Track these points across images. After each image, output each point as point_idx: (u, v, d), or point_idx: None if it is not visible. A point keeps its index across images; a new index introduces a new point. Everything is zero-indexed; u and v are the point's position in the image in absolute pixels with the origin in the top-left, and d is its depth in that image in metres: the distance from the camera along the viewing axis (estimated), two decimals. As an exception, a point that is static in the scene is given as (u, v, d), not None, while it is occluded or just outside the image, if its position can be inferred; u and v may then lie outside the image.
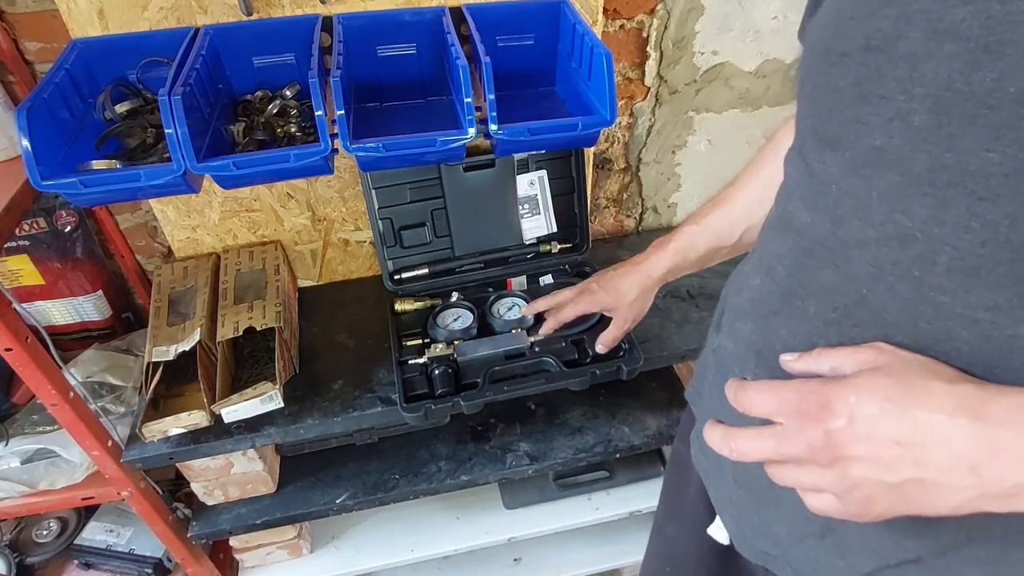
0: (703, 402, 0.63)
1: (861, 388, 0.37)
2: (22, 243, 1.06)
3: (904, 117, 0.36)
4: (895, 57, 0.36)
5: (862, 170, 0.39)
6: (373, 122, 0.93)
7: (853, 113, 0.39)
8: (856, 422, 0.36)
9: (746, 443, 0.42)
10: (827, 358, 0.41)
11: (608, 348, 0.95)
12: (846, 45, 0.39)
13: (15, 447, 0.99)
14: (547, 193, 1.14)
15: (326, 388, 1.01)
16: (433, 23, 0.90)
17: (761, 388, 0.42)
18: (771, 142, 0.68)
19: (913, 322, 0.38)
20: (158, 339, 0.94)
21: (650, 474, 1.33)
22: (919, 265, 0.37)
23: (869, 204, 0.39)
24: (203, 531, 1.08)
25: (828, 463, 0.37)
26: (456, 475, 1.13)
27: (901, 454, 0.35)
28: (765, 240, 0.52)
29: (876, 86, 0.37)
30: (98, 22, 0.85)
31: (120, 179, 0.71)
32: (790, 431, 0.39)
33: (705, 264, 0.78)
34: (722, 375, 0.55)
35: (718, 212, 0.73)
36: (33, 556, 1.21)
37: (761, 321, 0.49)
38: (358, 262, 1.22)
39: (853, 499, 0.38)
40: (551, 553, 1.43)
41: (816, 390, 0.39)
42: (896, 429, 0.35)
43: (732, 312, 0.55)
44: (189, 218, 1.07)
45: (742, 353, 0.52)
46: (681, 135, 1.27)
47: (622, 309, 0.88)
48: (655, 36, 1.12)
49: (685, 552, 0.76)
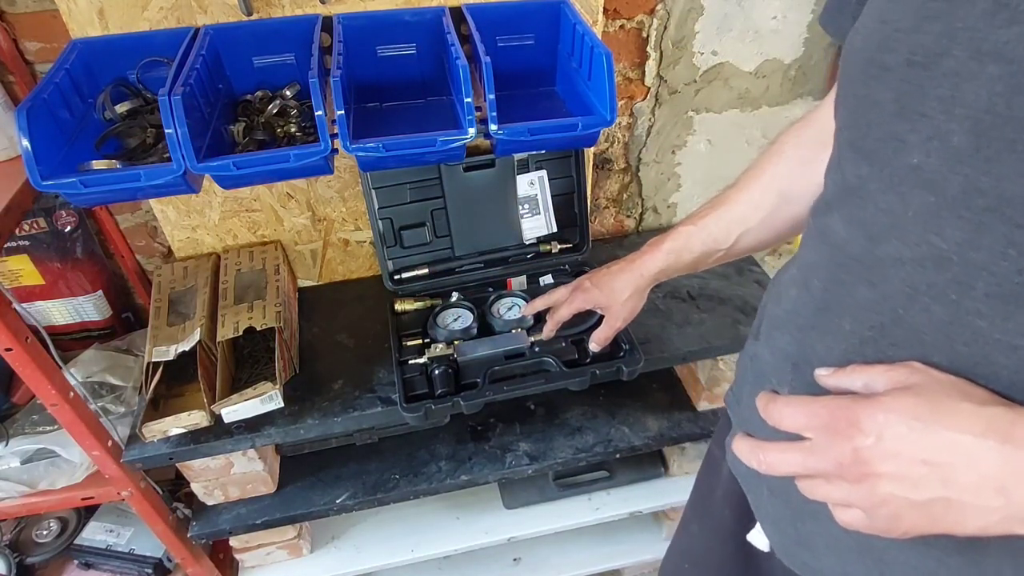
0: (741, 409, 0.63)
1: (889, 406, 0.37)
2: (22, 243, 1.06)
3: (943, 137, 0.36)
4: (937, 75, 0.35)
5: (898, 187, 0.39)
6: (373, 122, 0.93)
7: (891, 129, 0.39)
8: (884, 440, 0.36)
9: (775, 456, 0.42)
10: (860, 375, 0.41)
11: (601, 346, 0.94)
12: (888, 58, 0.38)
13: (15, 447, 0.99)
14: (547, 193, 1.14)
15: (326, 388, 1.01)
16: (433, 23, 0.90)
17: (791, 403, 0.42)
18: (773, 146, 0.67)
19: (950, 344, 0.38)
20: (158, 339, 0.94)
21: (650, 474, 1.33)
22: (955, 288, 0.37)
23: (905, 223, 0.38)
24: (203, 531, 1.08)
25: (856, 479, 0.38)
26: (456, 475, 1.13)
27: (928, 473, 0.35)
28: (803, 251, 0.52)
29: (916, 103, 0.37)
30: (98, 22, 0.85)
31: (120, 179, 0.70)
32: (819, 446, 0.40)
33: (699, 266, 0.77)
34: (759, 384, 0.56)
35: (715, 214, 0.72)
36: (33, 556, 1.21)
37: (797, 334, 0.50)
38: (358, 262, 1.22)
39: (880, 515, 0.38)
40: (551, 553, 1.43)
41: (845, 407, 0.39)
42: (923, 448, 0.35)
43: (770, 322, 0.56)
44: (189, 218, 1.07)
45: (779, 364, 0.52)
46: (681, 135, 1.27)
47: (615, 307, 0.87)
48: (655, 36, 1.12)
49: (706, 552, 0.76)
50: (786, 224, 0.68)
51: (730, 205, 0.71)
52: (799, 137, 0.65)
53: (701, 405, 1.22)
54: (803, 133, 0.65)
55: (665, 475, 1.34)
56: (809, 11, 1.15)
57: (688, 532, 0.81)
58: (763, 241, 0.71)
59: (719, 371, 1.15)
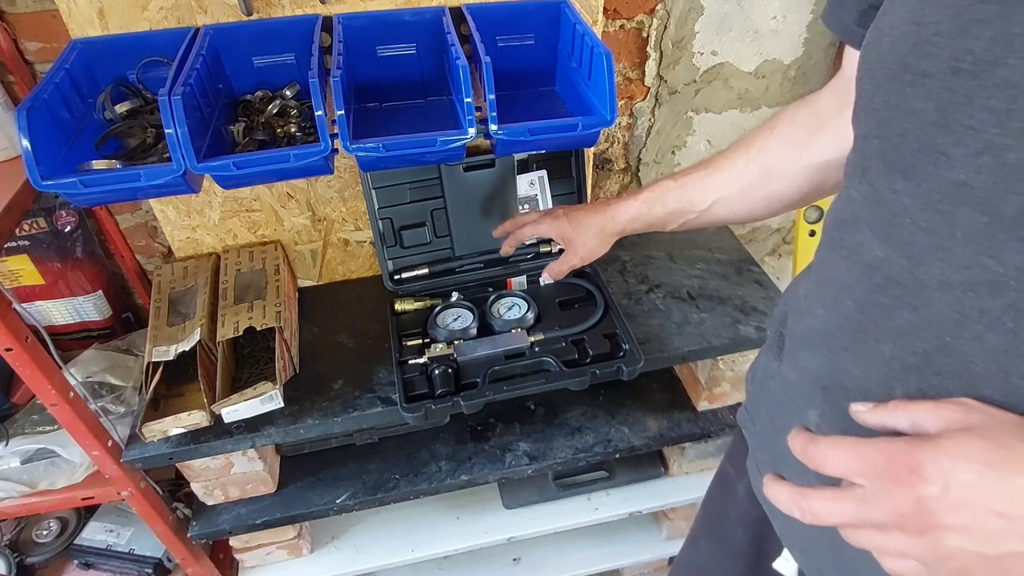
0: (758, 429, 0.60)
1: (954, 452, 0.34)
2: (22, 243, 1.06)
3: (996, 153, 0.33)
4: (989, 84, 0.33)
5: (941, 205, 0.36)
6: (373, 122, 0.93)
7: (932, 141, 0.36)
8: (952, 489, 0.33)
9: (821, 505, 0.38)
10: (906, 412, 0.38)
11: (554, 278, 0.92)
12: (928, 64, 0.35)
13: (15, 447, 1.00)
14: (547, 193, 1.14)
15: (326, 388, 1.01)
16: (433, 23, 0.90)
17: (837, 445, 0.38)
18: (769, 120, 0.67)
19: (1004, 376, 0.35)
20: (158, 339, 0.94)
21: (650, 474, 1.33)
22: (1012, 315, 0.34)
23: (952, 244, 0.36)
24: (203, 531, 1.08)
25: (918, 531, 0.35)
26: (456, 475, 1.13)
27: (1004, 526, 0.33)
28: (824, 265, 0.48)
29: (962, 114, 0.34)
30: (98, 22, 0.85)
31: (120, 179, 0.70)
32: (874, 495, 0.36)
33: (670, 224, 0.76)
34: (782, 407, 0.53)
35: (696, 175, 0.72)
36: (33, 556, 1.21)
37: (828, 355, 0.46)
38: (358, 262, 1.22)
39: (944, 570, 0.35)
40: (551, 553, 1.43)
41: (904, 451, 0.35)
42: (997, 498, 0.33)
43: (794, 340, 0.52)
44: (189, 218, 1.07)
45: (807, 387, 0.49)
46: (681, 135, 1.27)
47: (576, 241, 0.86)
48: (655, 36, 1.12)
49: (715, 571, 0.75)
50: (762, 201, 0.68)
51: (711, 170, 0.71)
52: (795, 116, 0.65)
53: (701, 405, 1.22)
54: (799, 113, 0.64)
55: (665, 475, 1.34)
56: (809, 11, 1.15)
57: (696, 547, 0.80)
58: (736, 213, 0.71)
59: (719, 371, 1.15)
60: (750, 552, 0.68)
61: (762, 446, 0.59)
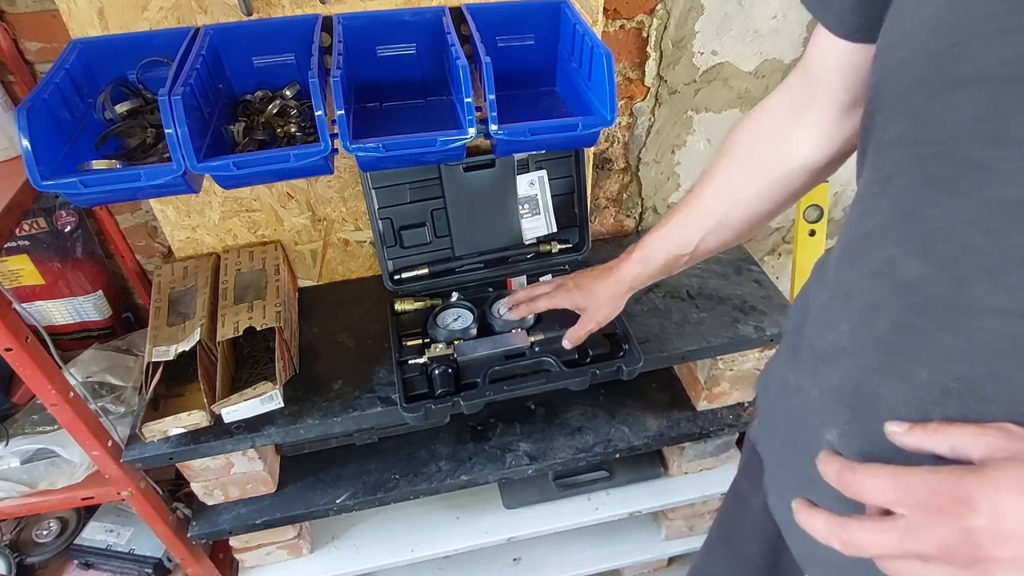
0: (776, 446, 0.58)
1: (1002, 482, 0.32)
2: (22, 243, 1.06)
3: None
4: None
5: (987, 224, 0.34)
6: (373, 122, 0.93)
7: (974, 154, 0.34)
8: (1001, 520, 0.32)
9: (863, 536, 0.37)
10: (946, 436, 0.36)
11: (573, 344, 0.96)
12: (965, 70, 0.33)
13: (15, 447, 0.99)
14: (547, 193, 1.14)
15: (326, 388, 1.01)
16: (433, 23, 0.90)
17: (876, 473, 0.37)
18: (724, 147, 0.68)
19: None
20: (158, 339, 0.94)
21: (650, 474, 1.33)
22: None
23: (1003, 267, 0.34)
24: (203, 531, 1.08)
25: (965, 564, 0.33)
26: (456, 475, 1.13)
27: None
28: (846, 278, 0.45)
29: (1008, 127, 0.32)
30: (98, 22, 0.85)
31: (120, 179, 0.70)
32: (918, 526, 0.34)
33: (671, 271, 0.78)
34: (801, 424, 0.51)
35: (676, 220, 0.73)
36: (33, 556, 1.21)
37: (857, 375, 0.43)
38: (358, 262, 1.22)
39: None
40: (551, 553, 1.43)
41: (948, 481, 0.34)
42: None
43: (816, 354, 0.49)
44: (189, 218, 1.07)
45: (831, 405, 0.46)
46: (681, 135, 1.27)
47: (590, 309, 0.89)
48: (655, 36, 1.12)
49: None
50: (742, 224, 0.69)
51: (686, 213, 0.72)
52: (750, 136, 0.65)
53: (700, 405, 1.22)
54: (753, 130, 0.64)
55: (665, 475, 1.34)
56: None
57: (712, 558, 0.81)
58: (725, 241, 0.72)
59: (718, 370, 1.15)
60: (763, 567, 0.68)
61: (783, 466, 0.57)
